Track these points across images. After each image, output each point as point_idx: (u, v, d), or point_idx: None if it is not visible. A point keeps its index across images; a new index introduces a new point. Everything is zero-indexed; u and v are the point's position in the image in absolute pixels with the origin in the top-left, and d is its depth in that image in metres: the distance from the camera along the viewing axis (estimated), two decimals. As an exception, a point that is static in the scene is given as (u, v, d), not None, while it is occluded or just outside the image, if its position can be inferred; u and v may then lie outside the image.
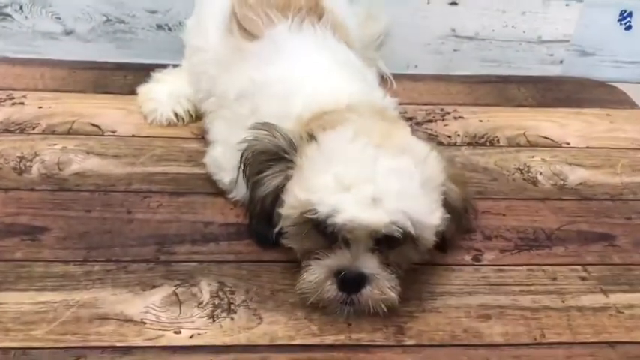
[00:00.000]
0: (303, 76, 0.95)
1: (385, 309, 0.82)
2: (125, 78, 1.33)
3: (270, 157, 0.86)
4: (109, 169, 1.07)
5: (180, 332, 0.80)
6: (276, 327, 0.82)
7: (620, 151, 1.24)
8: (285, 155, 0.85)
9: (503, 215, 1.05)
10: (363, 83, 0.99)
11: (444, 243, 0.93)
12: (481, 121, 1.29)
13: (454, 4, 1.40)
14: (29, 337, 0.78)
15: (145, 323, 0.81)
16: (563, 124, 1.32)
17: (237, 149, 0.90)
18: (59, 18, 1.36)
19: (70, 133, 1.16)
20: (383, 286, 0.82)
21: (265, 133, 0.86)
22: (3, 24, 1.36)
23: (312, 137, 0.84)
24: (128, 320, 0.81)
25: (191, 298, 0.85)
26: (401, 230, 0.78)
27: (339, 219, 0.77)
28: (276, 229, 0.87)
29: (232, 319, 0.83)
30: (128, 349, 0.78)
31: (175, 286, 0.87)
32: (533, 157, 1.21)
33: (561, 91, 1.44)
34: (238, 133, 0.94)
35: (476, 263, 0.95)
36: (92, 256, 0.90)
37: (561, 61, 1.51)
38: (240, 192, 0.97)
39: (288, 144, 0.85)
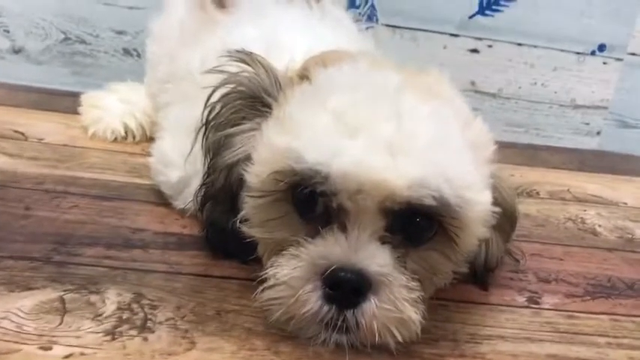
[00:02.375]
0: (293, 33, 0.70)
1: (400, 337, 0.50)
2: (75, 103, 1.08)
3: (250, 104, 0.58)
4: (20, 169, 0.78)
5: (50, 348, 0.47)
6: (216, 356, 0.49)
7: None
8: (267, 98, 0.57)
9: (561, 260, 0.75)
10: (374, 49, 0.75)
11: (487, 272, 0.62)
12: (513, 175, 1.02)
13: (475, 51, 1.20)
14: None
15: (-7, 332, 0.48)
16: (614, 187, 1.05)
17: (192, 129, 0.63)
18: (8, 31, 1.14)
19: (-17, 136, 0.88)
20: (397, 298, 0.49)
21: (246, 67, 0.58)
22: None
23: (305, 77, 0.57)
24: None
25: (84, 307, 0.53)
26: (434, 195, 0.48)
27: (336, 169, 0.48)
28: (237, 219, 0.56)
29: (145, 339, 0.50)
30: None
31: (65, 291, 0.54)
32: (585, 210, 0.92)
33: (604, 164, 1.18)
34: (196, 107, 0.67)
35: (533, 306, 0.63)
36: (-47, 247, 0.59)
37: (598, 132, 1.27)
38: (190, 195, 0.68)
39: (272, 82, 0.57)
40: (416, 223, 0.51)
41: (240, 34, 0.72)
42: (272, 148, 0.52)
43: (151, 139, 0.91)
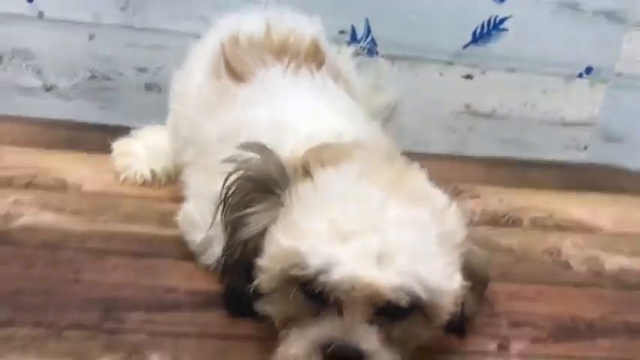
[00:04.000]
0: (297, 114, 0.81)
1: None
2: (104, 141, 1.19)
3: (260, 189, 0.70)
4: (64, 226, 0.91)
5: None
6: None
7: (662, 238, 1.07)
8: (275, 189, 0.69)
9: (533, 300, 0.87)
10: (369, 127, 0.85)
11: (462, 322, 0.74)
12: (502, 201, 1.13)
13: (469, 77, 1.29)
14: None
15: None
16: (594, 210, 1.15)
17: (213, 200, 0.75)
18: (40, 72, 1.25)
19: (29, 187, 1.00)
20: None
21: (257, 156, 0.70)
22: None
23: (307, 172, 0.68)
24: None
25: (135, 375, 0.66)
26: (410, 297, 0.60)
27: (334, 275, 0.60)
28: (253, 286, 0.68)
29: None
30: None
31: (117, 360, 0.67)
32: (563, 240, 1.04)
33: (587, 179, 1.28)
34: (216, 180, 0.78)
35: (503, 352, 0.76)
36: (19, 318, 0.72)
37: (585, 147, 1.37)
38: (215, 254, 0.80)
39: (280, 175, 0.69)
40: (397, 308, 0.63)
41: (253, 114, 0.82)
42: (280, 247, 0.64)
43: (175, 180, 1.04)
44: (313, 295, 0.64)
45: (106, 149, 1.13)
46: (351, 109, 0.88)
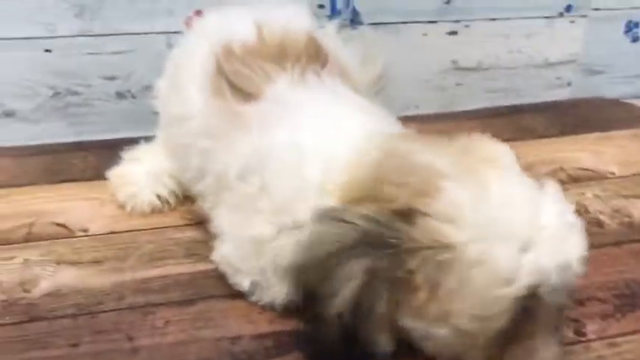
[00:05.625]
0: (315, 137, 0.74)
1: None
2: (85, 160, 1.10)
3: (346, 251, 0.62)
4: (90, 282, 0.83)
5: None
6: None
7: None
8: (392, 240, 0.61)
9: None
10: (386, 121, 0.80)
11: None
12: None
13: (453, 33, 1.25)
14: None
15: None
16: (598, 152, 1.17)
17: (252, 242, 0.72)
18: (-6, 98, 1.12)
19: (30, 239, 0.91)
20: None
21: (332, 222, 0.63)
22: None
23: (411, 213, 0.61)
24: None
25: None
26: None
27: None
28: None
29: None
30: None
31: None
32: (583, 193, 1.05)
33: (578, 115, 1.30)
34: (250, 220, 0.74)
35: (583, 339, 0.76)
36: (92, 412, 0.66)
37: (569, 83, 1.37)
38: (269, 294, 0.76)
39: (389, 226, 0.61)
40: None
41: (270, 140, 0.75)
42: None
43: (185, 199, 0.97)
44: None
45: (92, 172, 1.05)
46: (366, 108, 0.82)
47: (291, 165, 0.73)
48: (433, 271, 0.60)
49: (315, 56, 0.86)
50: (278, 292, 0.75)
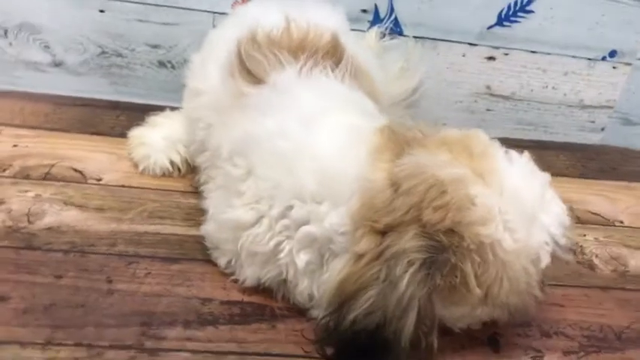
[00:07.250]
0: (309, 131, 0.77)
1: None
2: (117, 118, 1.17)
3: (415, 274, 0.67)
4: (90, 225, 0.89)
5: None
6: None
7: (681, 232, 1.08)
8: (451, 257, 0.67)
9: (561, 306, 0.88)
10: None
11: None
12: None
13: (491, 58, 1.26)
14: None
15: None
16: (613, 199, 1.16)
17: (231, 228, 0.78)
18: (48, 47, 1.19)
19: (47, 178, 0.98)
20: None
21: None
22: (-17, 50, 1.19)
23: (456, 227, 0.67)
24: None
25: (181, 401, 0.66)
26: None
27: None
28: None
29: None
30: None
31: (162, 384, 0.67)
32: (585, 235, 1.04)
33: (604, 161, 1.29)
34: (230, 202, 0.78)
35: (537, 368, 0.77)
36: (58, 337, 0.71)
37: (603, 129, 1.36)
38: (242, 274, 0.80)
39: (446, 245, 0.67)
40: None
41: (260, 125, 0.79)
42: None
43: (195, 169, 1.02)
44: None
45: (120, 130, 1.11)
46: (368, 110, 0.85)
47: (280, 154, 0.76)
48: (481, 266, 0.67)
49: (331, 53, 0.88)
50: (250, 275, 0.79)
